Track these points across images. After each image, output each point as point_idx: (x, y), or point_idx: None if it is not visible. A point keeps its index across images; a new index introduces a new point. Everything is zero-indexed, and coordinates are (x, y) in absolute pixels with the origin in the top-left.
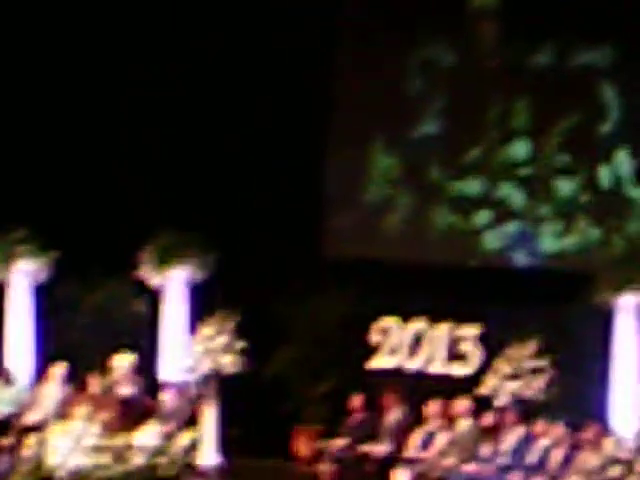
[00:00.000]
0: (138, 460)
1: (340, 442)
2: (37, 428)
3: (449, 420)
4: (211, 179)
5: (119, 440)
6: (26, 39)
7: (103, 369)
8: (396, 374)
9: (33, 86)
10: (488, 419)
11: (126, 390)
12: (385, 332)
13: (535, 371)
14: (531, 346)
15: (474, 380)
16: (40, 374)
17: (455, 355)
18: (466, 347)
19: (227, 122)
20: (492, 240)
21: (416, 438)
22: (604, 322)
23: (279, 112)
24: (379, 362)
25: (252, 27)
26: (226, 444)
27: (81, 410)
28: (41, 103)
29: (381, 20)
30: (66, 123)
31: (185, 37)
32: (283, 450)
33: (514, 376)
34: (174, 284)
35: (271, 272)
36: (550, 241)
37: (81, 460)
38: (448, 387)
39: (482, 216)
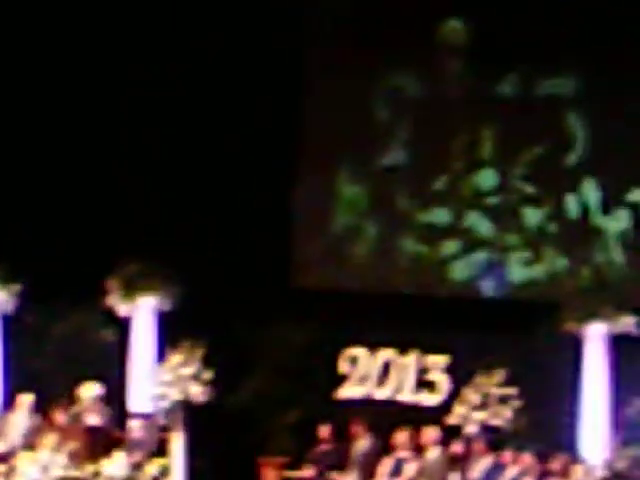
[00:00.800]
0: None
1: (307, 472)
2: (4, 458)
3: (418, 449)
4: (177, 207)
5: (87, 470)
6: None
7: (70, 399)
8: (364, 403)
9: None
10: (457, 448)
11: (94, 420)
12: (353, 361)
13: (503, 400)
14: (499, 375)
15: (443, 409)
16: (7, 403)
17: (423, 384)
18: (434, 376)
19: (194, 150)
20: (460, 269)
21: (385, 467)
22: (572, 351)
23: (246, 139)
24: (347, 391)
25: (220, 57)
26: (193, 474)
27: (48, 440)
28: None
29: (349, 49)
30: (32, 149)
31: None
32: (251, 479)
33: (482, 405)
34: (142, 313)
35: (238, 301)
36: (518, 270)
37: None
38: (417, 416)
39: (450, 245)
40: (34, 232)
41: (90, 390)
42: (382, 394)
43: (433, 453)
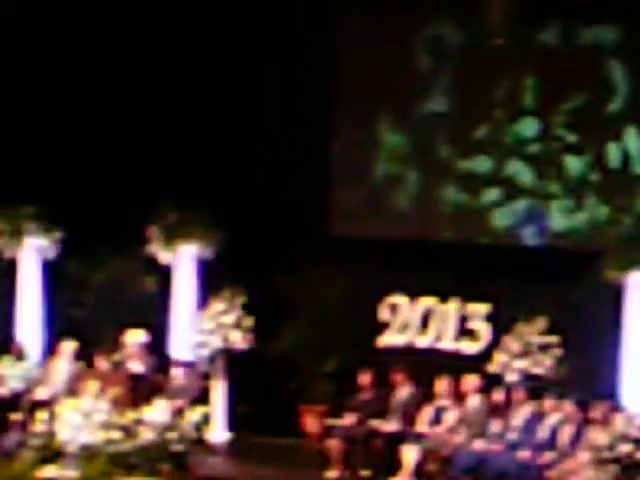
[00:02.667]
0: (148, 436)
1: (349, 419)
2: (47, 404)
3: (458, 397)
4: (218, 157)
5: (129, 416)
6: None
7: (113, 346)
8: (405, 351)
9: (41, 67)
10: (497, 396)
11: (136, 367)
12: (394, 309)
13: (544, 348)
14: (540, 323)
15: (483, 357)
16: (50, 351)
17: (464, 332)
18: (475, 324)
19: (234, 101)
20: (501, 218)
21: (425, 415)
22: (613, 300)
23: (285, 90)
24: (388, 339)
25: (256, 4)
26: (235, 421)
27: (91, 386)
28: (48, 83)
29: None
30: (75, 102)
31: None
32: (291, 427)
33: (523, 353)
34: (183, 261)
35: (279, 249)
36: (559, 219)
37: (91, 436)
38: (457, 364)
39: (491, 194)
40: (75, 180)
41: (132, 337)
42: (423, 342)
43: (473, 401)
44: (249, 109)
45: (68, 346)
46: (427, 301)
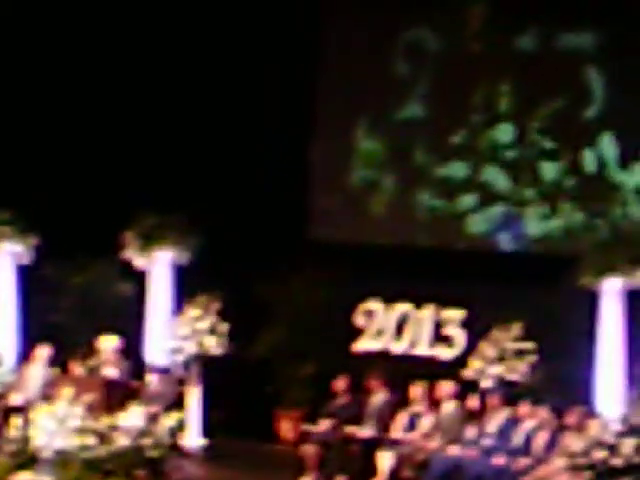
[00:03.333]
0: (123, 441)
1: (324, 424)
2: (21, 409)
3: (434, 403)
4: (195, 161)
5: (104, 422)
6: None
7: (88, 351)
8: (381, 357)
9: (18, 71)
10: (472, 402)
11: (111, 372)
12: (370, 314)
13: (519, 354)
14: (515, 329)
15: (459, 363)
16: (25, 356)
17: (440, 338)
18: (451, 330)
19: (212, 103)
20: (477, 223)
21: (401, 420)
22: (589, 305)
23: (264, 93)
24: (363, 344)
25: (237, 5)
26: (210, 426)
27: (65, 392)
28: (25, 87)
29: (367, 2)
30: (50, 108)
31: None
32: (267, 432)
33: (498, 359)
34: (158, 266)
35: (255, 254)
36: (535, 224)
37: (66, 441)
38: (432, 370)
39: (467, 199)
40: (51, 184)
41: (107, 342)
42: (398, 348)
43: (449, 407)
44: (227, 114)
45: (43, 351)
46: (402, 307)
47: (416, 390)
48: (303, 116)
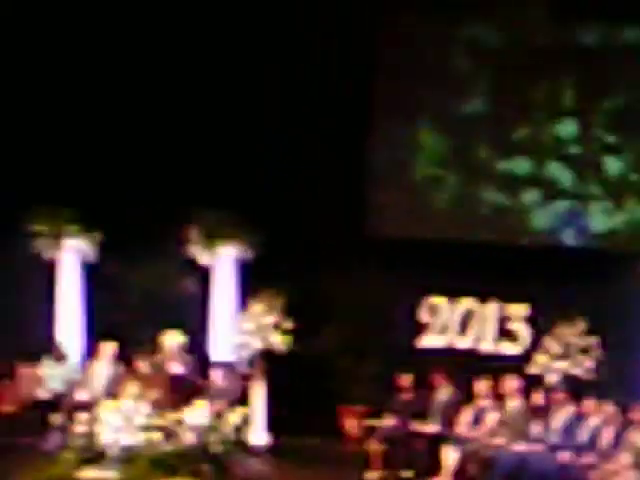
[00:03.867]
0: (188, 438)
1: (389, 421)
2: (88, 406)
3: (499, 399)
4: (258, 157)
5: (169, 418)
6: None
7: (153, 347)
8: (445, 352)
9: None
10: (538, 397)
11: (176, 368)
12: (434, 310)
13: (584, 350)
14: (580, 325)
15: (523, 358)
16: (90, 352)
17: (504, 333)
18: (515, 326)
19: (271, 98)
20: (540, 219)
21: (466, 416)
22: None
23: (325, 88)
24: (428, 340)
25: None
26: (275, 422)
27: (131, 388)
28: (84, 85)
29: None
30: (113, 105)
31: None
32: (331, 429)
33: (563, 354)
34: (223, 262)
35: (318, 250)
36: (599, 220)
37: (132, 438)
38: (497, 365)
39: (530, 195)
40: (115, 182)
41: (173, 339)
42: (463, 343)
43: (514, 403)
44: (288, 110)
45: (108, 348)
46: (467, 302)
47: (481, 386)
48: (365, 112)
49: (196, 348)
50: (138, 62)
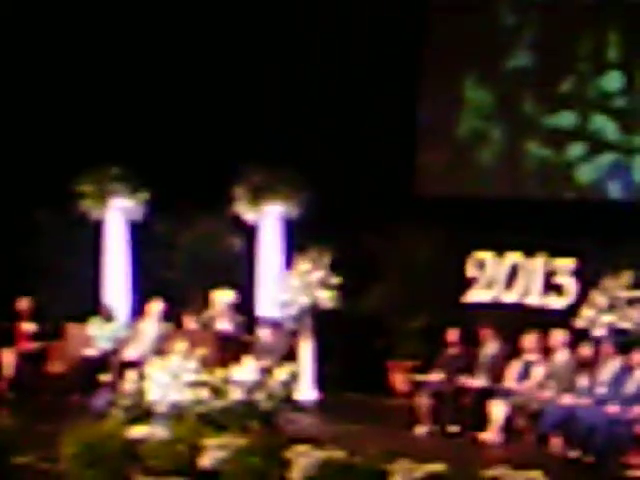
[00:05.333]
0: (237, 395)
1: (437, 375)
2: (136, 364)
3: (546, 352)
4: (304, 115)
5: (217, 375)
6: None
7: (200, 305)
8: (492, 307)
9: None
10: (585, 350)
11: (224, 326)
12: (481, 265)
13: (631, 302)
14: (626, 277)
15: (570, 312)
16: (138, 311)
17: (551, 287)
18: (562, 279)
19: (318, 59)
20: (586, 172)
21: (513, 370)
22: None
23: (371, 46)
24: (475, 295)
25: None
26: (323, 379)
27: (179, 346)
28: (131, 43)
29: None
30: (160, 63)
31: None
32: (379, 384)
33: (610, 307)
34: (269, 220)
35: (365, 209)
36: None
37: (180, 395)
38: (544, 319)
39: (576, 148)
40: (161, 140)
41: (221, 296)
42: (510, 298)
43: (561, 356)
44: (335, 69)
45: (156, 306)
46: (513, 257)
47: (528, 339)
48: (410, 70)
49: (243, 306)
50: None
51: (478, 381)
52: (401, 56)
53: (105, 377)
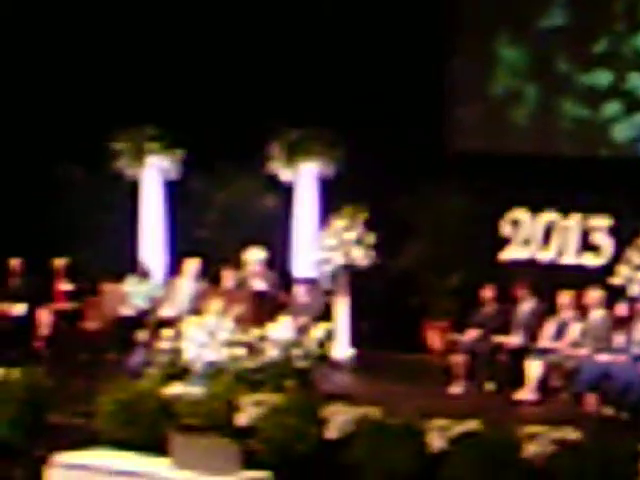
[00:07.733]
0: (272, 353)
1: (472, 333)
2: (172, 322)
3: (582, 310)
4: (338, 74)
5: (253, 334)
6: None
7: (236, 264)
8: (528, 265)
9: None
10: (621, 309)
11: (259, 284)
12: (516, 224)
13: None
14: None
15: (606, 270)
16: (173, 270)
17: (586, 246)
18: (597, 238)
19: (349, 17)
20: (621, 131)
21: (549, 328)
22: None
23: (403, 6)
24: (510, 253)
25: None
26: (358, 337)
27: (215, 304)
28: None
29: None
30: (193, 25)
31: None
32: (415, 343)
33: None
34: (304, 179)
35: (399, 167)
36: None
37: (216, 353)
38: (580, 278)
39: (611, 107)
40: (196, 98)
41: (256, 255)
42: (545, 256)
43: (597, 314)
44: (366, 26)
45: (192, 264)
46: (549, 216)
47: (564, 298)
48: (443, 27)
49: (279, 264)
50: None
51: (514, 339)
52: (435, 13)
53: (141, 335)
